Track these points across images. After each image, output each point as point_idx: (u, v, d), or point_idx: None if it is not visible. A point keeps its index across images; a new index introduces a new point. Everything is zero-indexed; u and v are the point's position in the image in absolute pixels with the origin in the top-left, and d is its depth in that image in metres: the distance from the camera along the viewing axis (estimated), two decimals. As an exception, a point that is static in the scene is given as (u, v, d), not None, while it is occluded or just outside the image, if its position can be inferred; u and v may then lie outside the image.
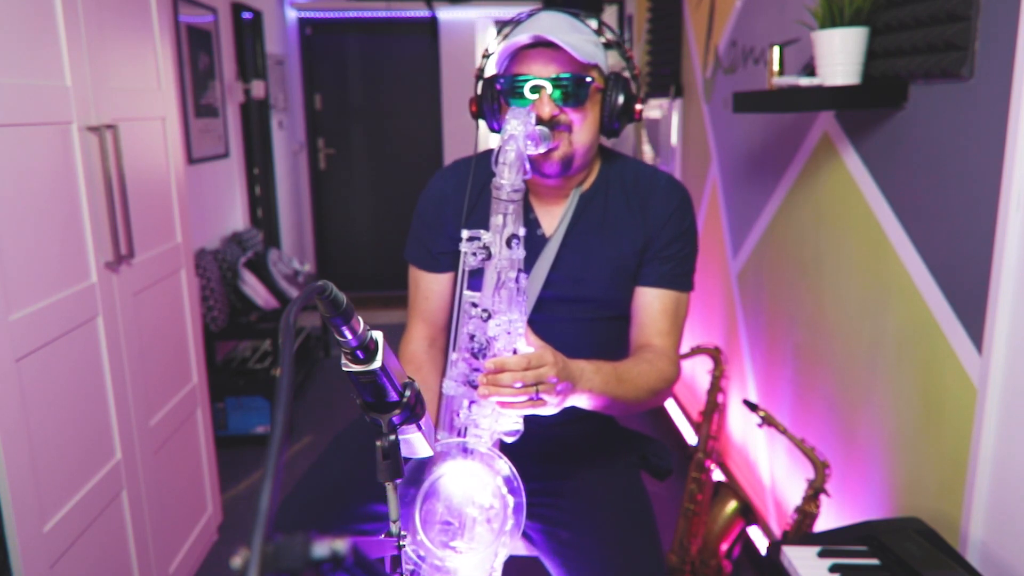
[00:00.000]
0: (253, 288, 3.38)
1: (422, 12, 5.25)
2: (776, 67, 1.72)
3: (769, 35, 2.17)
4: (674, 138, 3.24)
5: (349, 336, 0.75)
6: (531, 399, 1.01)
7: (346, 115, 5.43)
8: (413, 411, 0.85)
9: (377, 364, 0.78)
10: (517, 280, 1.05)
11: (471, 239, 1.05)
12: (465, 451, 1.01)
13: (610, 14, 4.11)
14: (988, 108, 1.25)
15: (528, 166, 1.08)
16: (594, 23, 1.29)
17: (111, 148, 1.69)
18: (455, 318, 1.07)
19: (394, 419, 0.84)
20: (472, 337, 1.05)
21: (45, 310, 1.47)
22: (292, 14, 5.09)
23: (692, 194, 3.01)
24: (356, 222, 5.62)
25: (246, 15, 4.05)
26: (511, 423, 1.04)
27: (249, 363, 3.38)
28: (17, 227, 1.40)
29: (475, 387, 1.01)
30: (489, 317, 1.03)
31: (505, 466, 0.98)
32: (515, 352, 1.03)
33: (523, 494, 0.98)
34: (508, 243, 1.04)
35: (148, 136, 1.97)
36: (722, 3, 2.60)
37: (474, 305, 1.05)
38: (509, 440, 1.05)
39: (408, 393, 0.83)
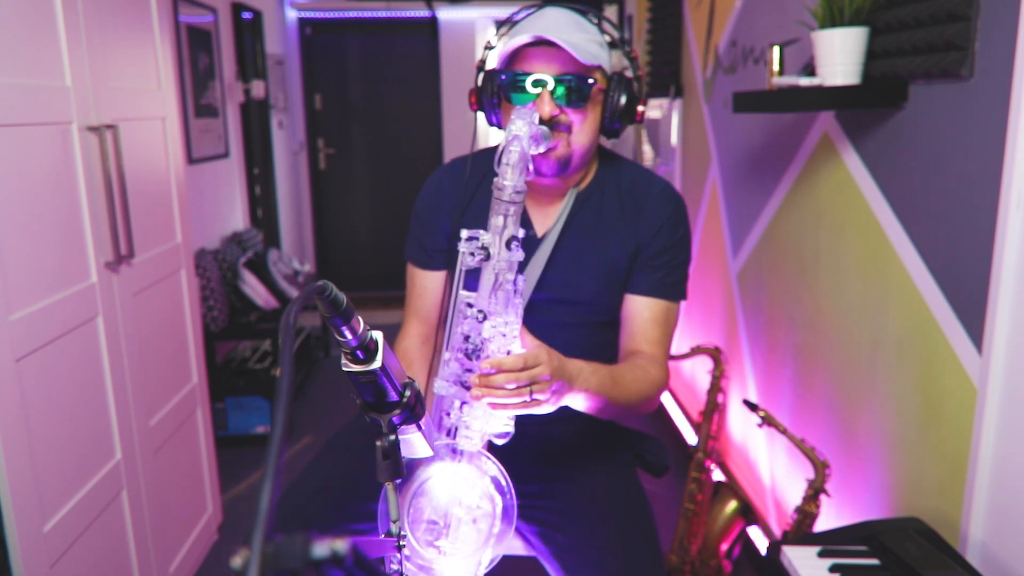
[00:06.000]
0: (253, 288, 3.38)
1: (422, 12, 5.25)
2: (776, 67, 1.72)
3: (769, 35, 2.17)
4: (674, 138, 3.24)
5: (349, 336, 0.75)
6: (525, 400, 0.99)
7: (346, 115, 5.43)
8: (413, 411, 0.85)
9: (377, 364, 0.78)
10: (514, 282, 1.03)
11: (470, 239, 1.02)
12: (454, 452, 1.00)
13: (610, 14, 4.11)
14: (988, 108, 1.25)
15: (531, 167, 1.06)
16: (598, 20, 1.27)
17: (111, 148, 1.69)
18: (449, 317, 1.04)
19: (394, 419, 0.84)
20: (467, 338, 1.03)
21: (45, 310, 1.47)
22: (292, 14, 5.09)
23: (692, 194, 3.03)
24: (356, 222, 5.62)
25: (246, 15, 4.05)
26: (502, 425, 1.02)
27: (249, 363, 3.38)
28: (17, 227, 1.40)
29: (467, 388, 0.99)
30: (485, 318, 1.01)
31: (493, 467, 0.98)
32: (508, 355, 1.01)
33: (513, 496, 0.97)
34: (508, 245, 1.03)
35: (148, 136, 1.97)
36: (722, 3, 2.60)
37: (469, 305, 1.03)
38: (500, 442, 1.04)
39: (408, 393, 0.83)
